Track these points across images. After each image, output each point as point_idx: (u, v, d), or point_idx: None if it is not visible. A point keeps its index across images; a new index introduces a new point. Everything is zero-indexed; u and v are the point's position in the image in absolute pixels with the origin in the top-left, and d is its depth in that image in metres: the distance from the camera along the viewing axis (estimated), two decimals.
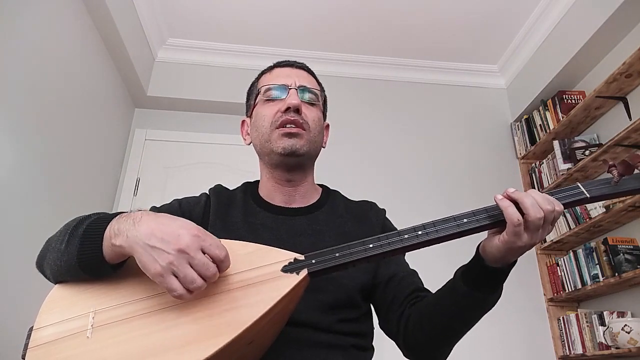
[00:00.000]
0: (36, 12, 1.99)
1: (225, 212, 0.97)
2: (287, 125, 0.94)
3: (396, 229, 1.03)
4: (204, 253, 0.66)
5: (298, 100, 0.96)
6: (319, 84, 1.08)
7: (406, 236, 0.71)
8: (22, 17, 1.90)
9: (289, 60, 1.07)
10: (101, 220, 0.75)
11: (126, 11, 2.64)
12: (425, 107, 3.28)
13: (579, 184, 0.70)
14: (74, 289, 0.76)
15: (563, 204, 0.70)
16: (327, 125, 1.10)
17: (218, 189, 1.03)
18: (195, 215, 0.96)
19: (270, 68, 1.06)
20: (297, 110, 0.95)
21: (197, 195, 1.03)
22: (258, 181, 1.07)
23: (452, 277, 0.81)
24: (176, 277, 0.65)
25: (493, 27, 3.02)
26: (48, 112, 2.11)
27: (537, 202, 0.68)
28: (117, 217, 0.73)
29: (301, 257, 0.72)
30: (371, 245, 0.71)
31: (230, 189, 1.06)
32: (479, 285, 0.75)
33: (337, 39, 3.15)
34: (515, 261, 0.75)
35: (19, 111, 1.90)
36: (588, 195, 0.69)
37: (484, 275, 0.74)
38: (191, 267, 0.65)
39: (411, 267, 0.99)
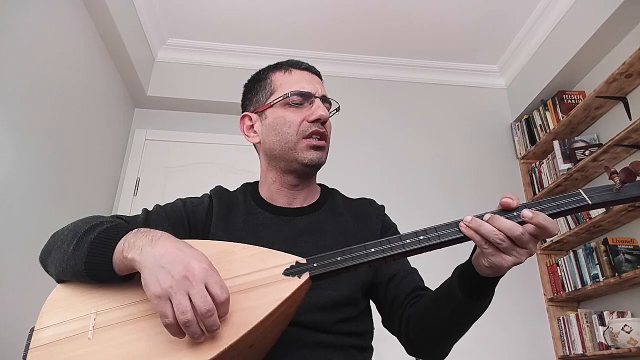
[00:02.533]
0: (36, 12, 1.99)
1: (227, 213, 0.97)
2: (314, 137, 0.95)
3: (395, 225, 1.04)
4: (208, 290, 0.64)
5: (327, 112, 0.97)
6: None
7: (408, 241, 0.71)
8: (22, 17, 1.90)
9: (305, 63, 1.05)
10: (114, 230, 0.74)
11: (126, 11, 2.64)
12: (425, 107, 3.28)
13: (580, 191, 0.70)
14: (75, 289, 0.76)
15: (565, 210, 0.70)
16: None
17: (219, 191, 1.03)
18: (198, 216, 0.96)
19: (286, 67, 1.03)
20: (324, 122, 0.97)
21: (200, 196, 1.03)
22: (257, 182, 1.07)
23: (450, 275, 0.81)
24: (171, 303, 0.63)
25: (493, 27, 3.02)
26: (48, 112, 2.11)
27: (500, 228, 0.66)
28: (135, 231, 0.72)
29: (303, 260, 0.72)
30: (373, 250, 0.71)
31: (230, 190, 1.06)
32: (475, 293, 0.75)
33: (337, 39, 3.15)
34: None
35: (18, 111, 1.89)
36: (590, 202, 0.69)
37: (478, 283, 0.74)
38: (189, 298, 0.63)
39: (412, 263, 1.00)
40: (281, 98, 0.97)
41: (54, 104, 2.16)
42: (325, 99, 1.00)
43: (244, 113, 1.06)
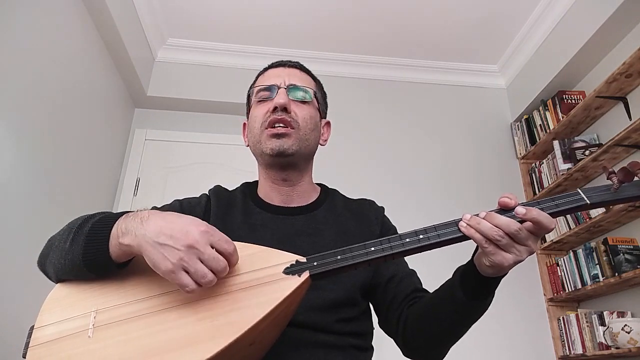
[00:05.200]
0: (36, 12, 1.99)
1: (225, 213, 0.97)
2: (276, 125, 0.94)
3: (394, 227, 1.04)
4: (213, 248, 0.67)
5: (285, 99, 0.96)
6: (316, 81, 1.08)
7: (407, 240, 0.71)
8: (22, 17, 1.90)
9: (282, 60, 1.07)
10: (107, 219, 0.75)
11: (126, 11, 2.64)
12: (425, 107, 3.28)
13: (579, 190, 0.71)
14: (75, 288, 0.76)
15: (564, 209, 0.70)
16: (328, 123, 1.10)
17: (217, 190, 1.03)
18: (195, 216, 0.96)
19: (265, 70, 1.07)
20: (285, 109, 0.95)
21: (197, 196, 1.03)
22: (257, 182, 1.07)
23: (450, 277, 0.81)
24: (187, 272, 0.65)
25: (493, 27, 3.02)
26: (48, 112, 2.11)
27: (497, 225, 0.67)
28: (123, 216, 0.73)
29: (303, 259, 0.72)
30: (373, 249, 0.71)
31: (229, 189, 1.06)
32: (478, 294, 0.75)
33: (337, 39, 3.15)
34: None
35: (19, 111, 1.90)
36: (588, 202, 0.70)
37: (481, 284, 0.74)
38: (201, 262, 0.66)
39: (411, 264, 1.00)
40: (252, 98, 1.03)
41: (54, 104, 2.16)
42: (295, 88, 0.99)
43: (244, 121, 1.10)
